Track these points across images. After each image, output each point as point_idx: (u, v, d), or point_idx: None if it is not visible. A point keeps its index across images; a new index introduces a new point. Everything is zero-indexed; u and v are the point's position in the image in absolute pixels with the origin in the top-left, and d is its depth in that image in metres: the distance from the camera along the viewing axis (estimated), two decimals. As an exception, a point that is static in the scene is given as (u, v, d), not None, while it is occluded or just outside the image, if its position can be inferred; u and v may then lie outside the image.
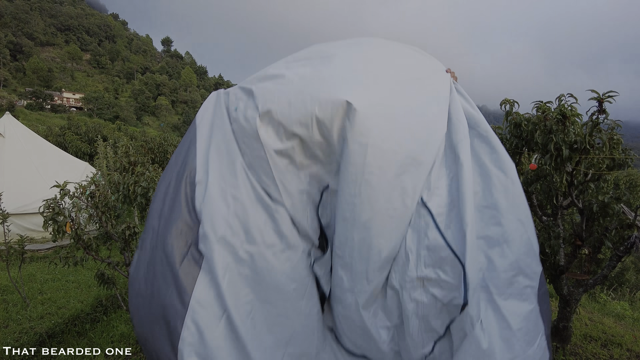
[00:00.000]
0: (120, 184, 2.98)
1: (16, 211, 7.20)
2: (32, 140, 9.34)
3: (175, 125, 72.97)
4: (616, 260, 2.87)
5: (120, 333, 3.67)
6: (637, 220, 2.69)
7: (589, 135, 2.57)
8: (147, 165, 3.18)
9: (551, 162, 2.66)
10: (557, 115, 2.65)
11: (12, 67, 69.03)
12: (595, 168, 2.81)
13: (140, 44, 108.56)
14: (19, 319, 4.04)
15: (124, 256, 3.06)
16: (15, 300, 4.53)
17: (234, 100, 1.95)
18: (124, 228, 2.96)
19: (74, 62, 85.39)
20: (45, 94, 58.74)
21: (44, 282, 5.36)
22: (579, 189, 2.96)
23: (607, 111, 2.54)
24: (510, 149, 3.07)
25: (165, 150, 10.04)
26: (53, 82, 70.77)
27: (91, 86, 79.22)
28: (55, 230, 2.68)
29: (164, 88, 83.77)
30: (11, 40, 72.36)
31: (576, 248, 3.03)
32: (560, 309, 3.32)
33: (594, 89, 2.46)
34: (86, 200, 2.84)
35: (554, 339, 3.39)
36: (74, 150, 13.64)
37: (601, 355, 3.44)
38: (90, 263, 5.95)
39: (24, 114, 44.95)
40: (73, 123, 19.03)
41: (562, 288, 3.24)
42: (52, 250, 7.28)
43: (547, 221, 3.27)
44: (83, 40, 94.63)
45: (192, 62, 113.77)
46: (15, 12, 79.84)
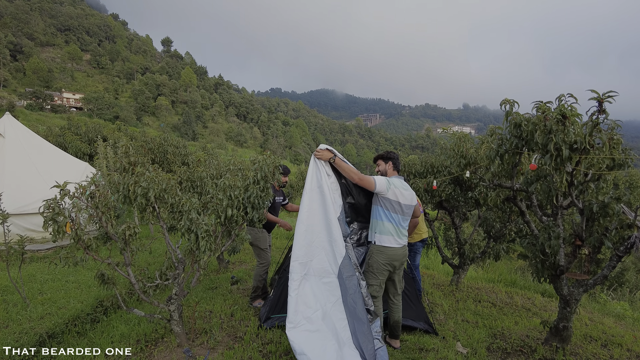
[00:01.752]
0: (120, 184, 2.97)
1: (16, 211, 7.20)
2: (32, 141, 9.34)
3: (175, 126, 72.98)
4: (616, 260, 2.87)
5: (120, 333, 3.67)
6: (637, 220, 2.69)
7: (589, 135, 2.57)
8: (147, 166, 3.17)
9: (551, 162, 2.66)
10: (557, 116, 2.65)
11: (12, 68, 68.99)
12: (595, 168, 2.81)
13: (140, 44, 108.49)
14: (19, 319, 4.04)
15: (124, 256, 3.06)
16: (15, 301, 4.53)
17: None
18: (124, 228, 2.96)
19: (74, 62, 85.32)
20: (45, 94, 58.71)
21: (44, 282, 5.36)
22: (579, 189, 2.96)
23: (607, 111, 2.54)
24: (510, 149, 3.07)
25: (165, 151, 10.02)
26: (53, 82, 70.72)
27: (91, 86, 79.21)
28: (55, 231, 2.67)
29: (164, 88, 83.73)
30: (11, 41, 72.32)
31: (576, 248, 3.03)
32: (560, 309, 3.32)
33: (594, 89, 2.46)
34: (86, 200, 2.84)
35: (554, 339, 3.39)
36: (74, 151, 13.63)
37: (601, 355, 3.44)
38: (90, 263, 5.95)
39: (24, 114, 44.96)
40: (73, 123, 19.03)
41: (562, 288, 3.24)
42: (52, 250, 7.28)
43: (547, 221, 3.27)
44: (83, 40, 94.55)
45: (192, 62, 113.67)
46: (15, 12, 79.79)
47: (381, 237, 3.18)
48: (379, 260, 3.17)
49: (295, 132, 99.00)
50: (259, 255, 4.38)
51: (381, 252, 3.17)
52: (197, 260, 3.19)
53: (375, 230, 3.23)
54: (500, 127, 3.30)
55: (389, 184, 3.18)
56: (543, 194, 3.15)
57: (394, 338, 3.39)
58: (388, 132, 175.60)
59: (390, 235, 3.17)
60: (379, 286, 3.20)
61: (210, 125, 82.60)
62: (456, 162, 4.10)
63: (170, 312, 3.22)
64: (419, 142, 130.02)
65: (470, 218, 8.03)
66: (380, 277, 3.19)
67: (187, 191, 5.40)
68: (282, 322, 3.58)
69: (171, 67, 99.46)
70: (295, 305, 3.04)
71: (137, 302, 4.87)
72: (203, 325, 3.71)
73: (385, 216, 3.20)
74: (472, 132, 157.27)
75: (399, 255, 3.20)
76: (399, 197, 3.19)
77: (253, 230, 4.29)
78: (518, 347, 3.48)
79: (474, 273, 7.41)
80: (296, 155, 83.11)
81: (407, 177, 5.19)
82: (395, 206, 3.19)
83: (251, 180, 3.28)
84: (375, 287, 3.19)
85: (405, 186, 3.29)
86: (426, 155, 5.39)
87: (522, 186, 3.51)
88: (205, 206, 3.29)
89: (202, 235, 2.98)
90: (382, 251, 3.17)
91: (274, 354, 3.17)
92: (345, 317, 3.07)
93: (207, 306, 4.30)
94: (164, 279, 3.27)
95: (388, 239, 3.17)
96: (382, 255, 3.16)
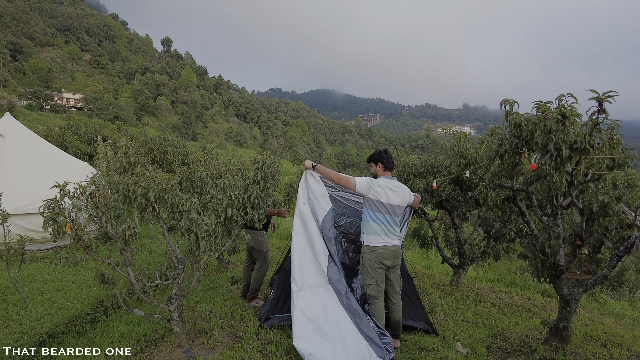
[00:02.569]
0: (120, 184, 2.97)
1: (16, 211, 7.20)
2: (32, 141, 9.34)
3: (175, 126, 72.93)
4: (616, 260, 2.87)
5: (120, 333, 3.67)
6: (637, 220, 2.69)
7: (588, 135, 2.57)
8: (147, 166, 3.17)
9: (551, 162, 2.66)
10: (557, 115, 2.65)
11: (12, 68, 68.94)
12: (595, 168, 2.81)
13: (140, 44, 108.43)
14: (19, 319, 4.04)
15: (124, 256, 3.06)
16: (15, 301, 4.53)
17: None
18: (124, 228, 2.95)
19: (74, 62, 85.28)
20: (45, 94, 58.66)
21: (44, 282, 5.36)
22: (579, 189, 2.96)
23: (607, 111, 2.54)
24: (510, 149, 3.07)
25: (165, 151, 10.01)
26: (53, 82, 70.67)
27: (91, 86, 79.18)
28: (55, 231, 2.67)
29: (164, 88, 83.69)
30: (11, 41, 72.29)
31: (576, 248, 3.03)
32: (560, 309, 3.32)
33: (593, 89, 2.46)
34: (86, 200, 2.84)
35: (554, 339, 3.39)
36: (74, 151, 13.62)
37: (601, 355, 3.44)
38: (90, 263, 5.95)
39: (23, 115, 44.94)
40: (73, 123, 18.98)
41: (562, 288, 3.24)
42: (52, 250, 7.28)
43: (547, 221, 3.27)
44: (83, 40, 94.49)
45: (192, 62, 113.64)
46: (15, 12, 79.75)
47: (369, 237, 3.25)
48: (370, 259, 3.23)
49: (295, 132, 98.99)
50: (261, 258, 4.36)
51: (371, 251, 3.23)
52: (197, 260, 3.19)
53: (364, 231, 3.31)
54: (500, 127, 3.30)
55: (370, 185, 3.20)
56: (543, 194, 3.15)
57: (395, 338, 3.39)
58: (388, 132, 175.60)
59: (377, 235, 3.22)
60: (376, 285, 3.21)
61: (210, 125, 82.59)
62: (456, 162, 4.10)
63: (170, 312, 3.22)
64: (419, 142, 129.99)
65: (470, 218, 8.02)
66: (376, 275, 3.21)
67: (187, 191, 5.40)
68: (282, 322, 3.59)
69: (171, 67, 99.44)
70: (299, 318, 3.16)
71: (137, 302, 4.86)
72: (203, 325, 3.71)
73: (370, 217, 3.24)
74: (472, 132, 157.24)
75: (388, 253, 3.22)
76: (383, 198, 3.19)
77: (255, 234, 4.24)
78: (518, 347, 3.48)
79: (474, 273, 7.41)
80: (296, 155, 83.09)
81: (407, 177, 5.18)
82: (380, 207, 3.20)
83: (251, 180, 3.28)
84: (372, 286, 3.20)
85: (395, 185, 3.27)
86: (426, 155, 5.38)
87: (522, 186, 3.51)
88: (205, 206, 3.29)
89: (202, 235, 2.98)
90: (371, 250, 3.23)
91: (274, 354, 3.17)
92: (347, 315, 3.18)
93: (207, 306, 4.30)
94: (164, 279, 3.27)
95: (375, 238, 3.22)
96: (373, 253, 3.23)
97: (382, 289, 3.28)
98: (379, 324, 3.18)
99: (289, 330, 3.57)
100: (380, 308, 3.21)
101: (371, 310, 3.24)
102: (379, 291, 3.24)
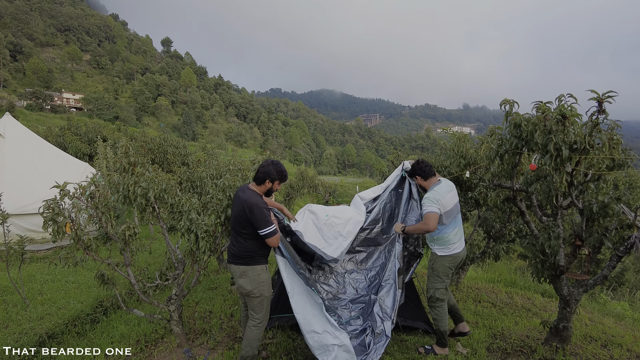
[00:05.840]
0: (120, 185, 2.97)
1: (16, 212, 7.20)
2: (32, 141, 9.33)
3: (175, 126, 72.89)
4: (616, 260, 2.87)
5: (120, 333, 3.67)
6: (637, 221, 2.69)
7: (588, 136, 2.57)
8: (147, 166, 3.17)
9: (551, 162, 2.66)
10: (556, 116, 2.65)
11: (12, 68, 68.93)
12: (595, 168, 2.81)
13: (140, 44, 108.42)
14: (19, 319, 4.04)
15: (124, 256, 3.06)
16: (15, 301, 4.53)
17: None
18: (124, 228, 2.96)
19: (74, 62, 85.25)
20: (45, 95, 58.61)
21: (44, 282, 5.36)
22: (579, 189, 2.96)
23: (606, 111, 2.54)
24: (510, 149, 3.07)
25: (165, 151, 10.02)
26: (53, 82, 70.64)
27: (91, 87, 79.16)
28: (55, 231, 2.67)
29: (164, 88, 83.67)
30: (11, 41, 72.27)
31: (576, 248, 3.03)
32: (560, 309, 3.32)
33: (593, 89, 2.46)
34: (86, 200, 2.84)
35: (554, 339, 3.39)
36: (74, 151, 13.61)
37: (601, 355, 3.44)
38: (90, 263, 5.95)
39: (23, 115, 44.91)
40: (73, 123, 18.97)
41: (562, 288, 3.24)
42: (52, 250, 7.28)
43: (547, 221, 3.27)
44: (83, 40, 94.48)
45: (192, 63, 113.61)
46: (15, 12, 79.75)
47: (449, 247, 3.18)
48: (447, 265, 3.19)
49: (295, 132, 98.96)
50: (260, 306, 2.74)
51: (451, 258, 3.19)
52: (197, 261, 3.19)
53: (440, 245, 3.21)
54: (500, 127, 3.30)
55: (438, 207, 3.06)
56: (543, 194, 3.15)
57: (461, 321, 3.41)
58: (388, 132, 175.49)
59: (459, 242, 3.21)
60: (445, 289, 3.20)
61: (210, 125, 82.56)
62: (456, 163, 4.10)
63: (170, 312, 3.22)
64: (419, 142, 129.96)
65: (470, 218, 8.02)
66: (446, 280, 3.20)
67: (187, 191, 5.40)
68: (282, 322, 3.59)
69: (171, 68, 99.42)
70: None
71: (137, 303, 4.86)
72: (203, 326, 3.71)
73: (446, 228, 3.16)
74: (472, 132, 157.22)
75: (463, 253, 3.25)
76: (448, 204, 3.15)
77: (253, 270, 2.69)
78: (518, 348, 3.48)
79: (474, 273, 7.41)
80: (296, 155, 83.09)
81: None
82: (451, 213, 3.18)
83: (251, 180, 3.27)
84: (441, 290, 3.19)
85: (446, 185, 3.23)
86: (426, 155, 5.38)
87: (522, 186, 3.51)
88: (205, 206, 3.30)
89: (202, 236, 2.98)
90: (452, 257, 3.19)
91: (274, 354, 3.17)
92: (322, 313, 2.84)
93: (207, 306, 4.30)
94: (164, 279, 3.27)
95: (456, 246, 3.19)
96: (452, 260, 3.19)
97: (449, 292, 3.30)
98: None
99: (289, 330, 3.57)
100: (445, 311, 3.20)
101: (437, 314, 3.18)
102: (447, 295, 3.24)
